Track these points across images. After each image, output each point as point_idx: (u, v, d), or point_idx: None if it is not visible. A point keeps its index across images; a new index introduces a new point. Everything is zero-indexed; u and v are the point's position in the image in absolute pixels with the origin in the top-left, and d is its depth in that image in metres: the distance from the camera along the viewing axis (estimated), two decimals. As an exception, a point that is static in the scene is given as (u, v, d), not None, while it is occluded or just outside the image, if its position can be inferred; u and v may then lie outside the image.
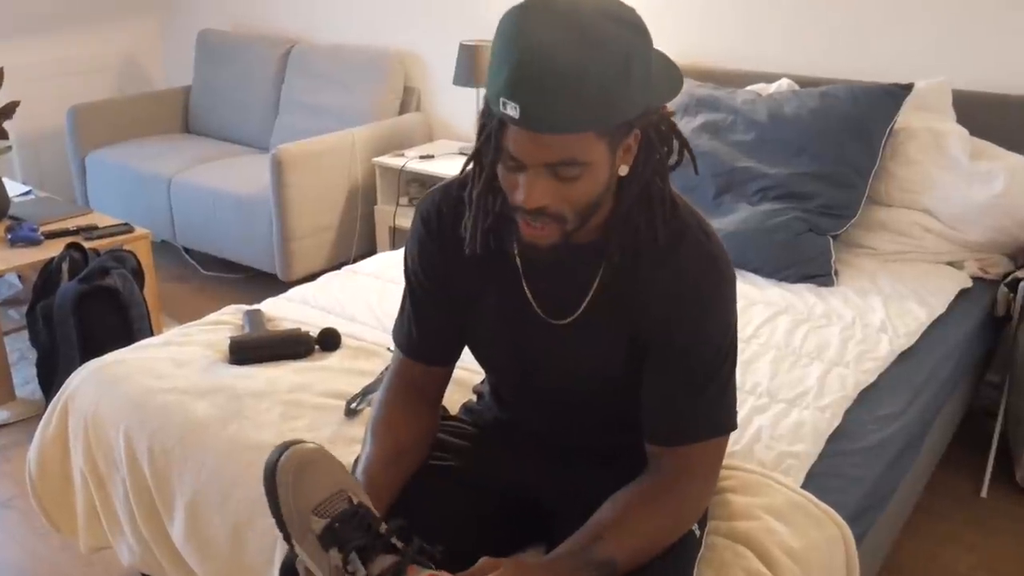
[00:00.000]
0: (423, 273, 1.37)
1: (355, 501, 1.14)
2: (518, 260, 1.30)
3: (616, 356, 1.29)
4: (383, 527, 1.14)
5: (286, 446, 1.17)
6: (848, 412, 1.82)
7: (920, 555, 2.20)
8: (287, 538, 1.16)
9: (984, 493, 2.43)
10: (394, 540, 1.13)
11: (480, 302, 1.34)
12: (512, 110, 1.05)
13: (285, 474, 1.14)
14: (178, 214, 3.85)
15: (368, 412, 1.73)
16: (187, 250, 4.00)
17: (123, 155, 4.07)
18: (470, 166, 1.25)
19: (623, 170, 1.16)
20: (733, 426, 1.29)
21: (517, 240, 1.28)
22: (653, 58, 1.13)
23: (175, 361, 1.93)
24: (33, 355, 2.84)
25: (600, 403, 1.38)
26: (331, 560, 1.11)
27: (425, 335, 1.40)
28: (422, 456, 1.39)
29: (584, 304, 1.28)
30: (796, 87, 2.79)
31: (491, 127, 1.13)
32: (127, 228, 3.09)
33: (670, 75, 1.19)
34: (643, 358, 1.28)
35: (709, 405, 1.26)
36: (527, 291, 1.30)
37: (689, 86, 2.88)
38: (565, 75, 1.02)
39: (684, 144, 1.23)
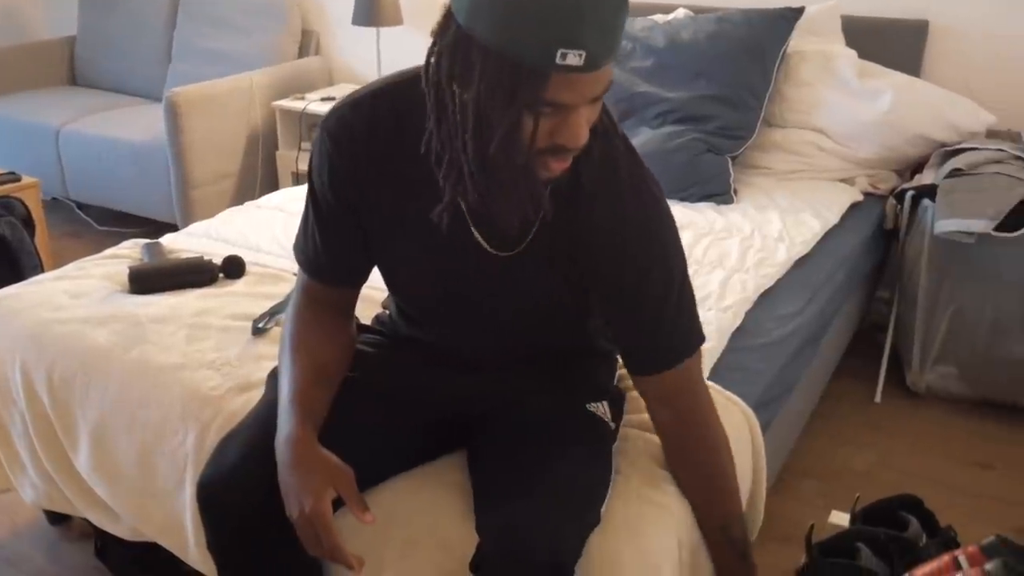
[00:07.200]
0: (332, 194, 1.28)
1: None
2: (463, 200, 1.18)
3: (556, 290, 1.28)
4: None
5: None
6: (749, 313, 1.89)
7: (820, 455, 2.30)
8: None
9: (878, 398, 2.55)
10: None
11: (401, 224, 1.27)
12: (575, 58, 0.98)
13: None
14: (68, 167, 3.69)
15: (277, 331, 1.72)
16: (80, 206, 3.86)
17: (4, 108, 3.86)
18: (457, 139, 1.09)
19: None
20: (703, 339, 1.32)
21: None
22: None
23: (71, 293, 1.86)
24: (-82, 311, 2.71)
25: (531, 329, 1.36)
26: None
27: (333, 257, 1.34)
28: (345, 368, 1.37)
29: (530, 236, 1.23)
30: (692, 14, 2.84)
31: (517, 84, 1.00)
32: (13, 177, 2.96)
33: None
34: (581, 292, 1.29)
35: (678, 328, 1.28)
36: (470, 222, 1.24)
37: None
38: (617, 10, 1.01)
39: None
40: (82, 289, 1.89)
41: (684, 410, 1.32)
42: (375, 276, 1.42)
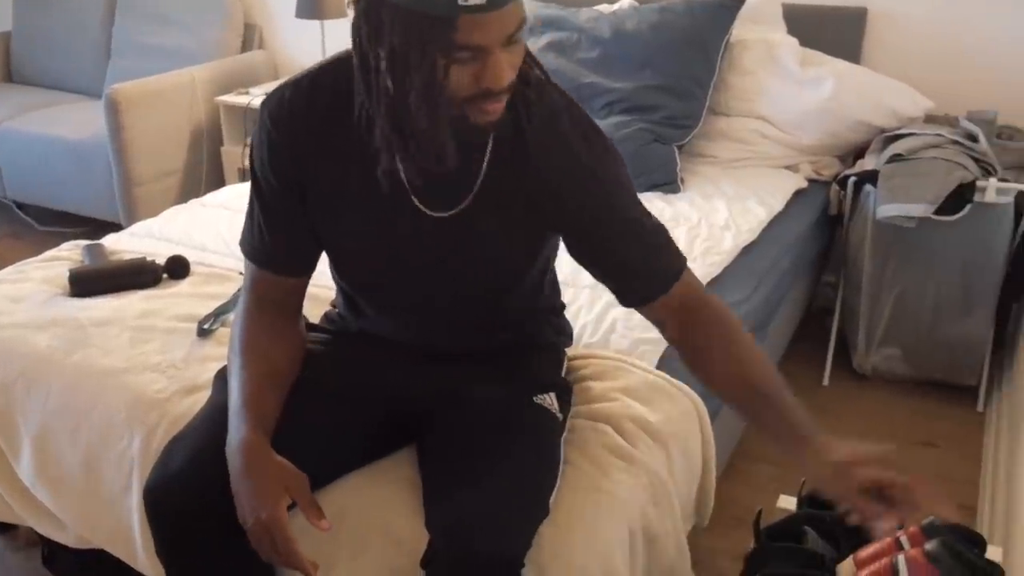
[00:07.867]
0: (273, 174, 1.27)
1: None
2: (399, 160, 1.20)
3: (501, 245, 1.29)
4: None
5: None
6: (697, 301, 1.90)
7: (770, 440, 2.33)
8: None
9: (826, 382, 2.60)
10: None
11: (343, 197, 1.27)
12: None
13: None
14: (7, 166, 3.60)
15: (223, 332, 1.70)
16: (20, 206, 3.77)
17: (-62, 107, 3.77)
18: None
19: None
20: (684, 257, 1.33)
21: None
22: None
23: (9, 297, 1.82)
24: None
25: (476, 302, 1.36)
26: None
27: (279, 243, 1.33)
28: (296, 369, 1.36)
29: (472, 195, 1.24)
30: (637, 5, 2.85)
31: (428, 34, 1.03)
32: (-52, 178, 2.88)
33: None
34: (536, 240, 1.31)
35: (660, 246, 1.30)
36: (405, 182, 1.24)
37: (534, 7, 2.90)
38: None
39: None
40: (21, 293, 1.84)
41: (701, 320, 1.30)
42: (323, 275, 1.42)
